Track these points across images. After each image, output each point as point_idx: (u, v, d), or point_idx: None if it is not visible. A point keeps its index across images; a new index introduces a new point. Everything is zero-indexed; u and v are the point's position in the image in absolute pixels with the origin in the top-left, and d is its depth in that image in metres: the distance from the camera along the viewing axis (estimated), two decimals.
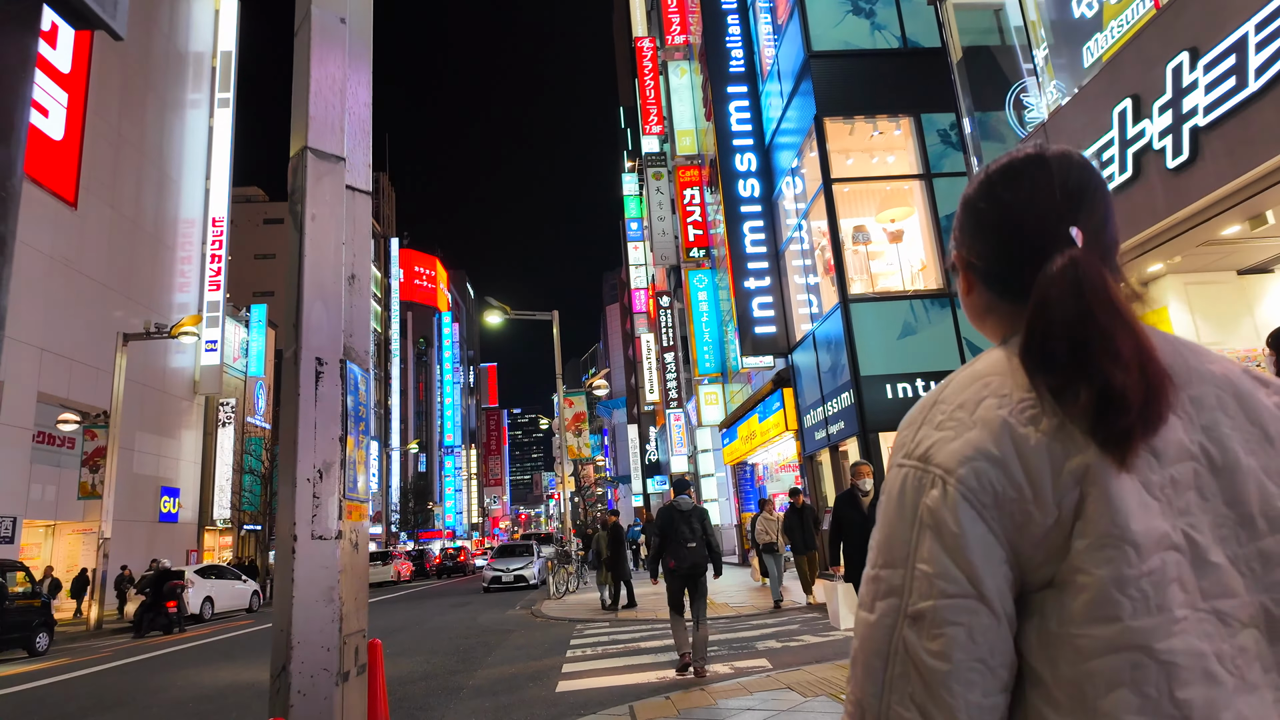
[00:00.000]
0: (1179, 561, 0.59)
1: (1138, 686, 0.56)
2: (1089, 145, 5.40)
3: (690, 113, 22.26)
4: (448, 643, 9.45)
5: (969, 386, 0.67)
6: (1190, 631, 0.57)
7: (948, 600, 0.59)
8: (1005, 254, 0.71)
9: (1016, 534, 0.60)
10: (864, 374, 10.47)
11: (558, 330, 20.17)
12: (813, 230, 12.78)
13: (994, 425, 0.63)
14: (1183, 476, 0.62)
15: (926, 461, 0.64)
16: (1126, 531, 0.58)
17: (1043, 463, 0.61)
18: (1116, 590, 0.57)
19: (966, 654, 0.59)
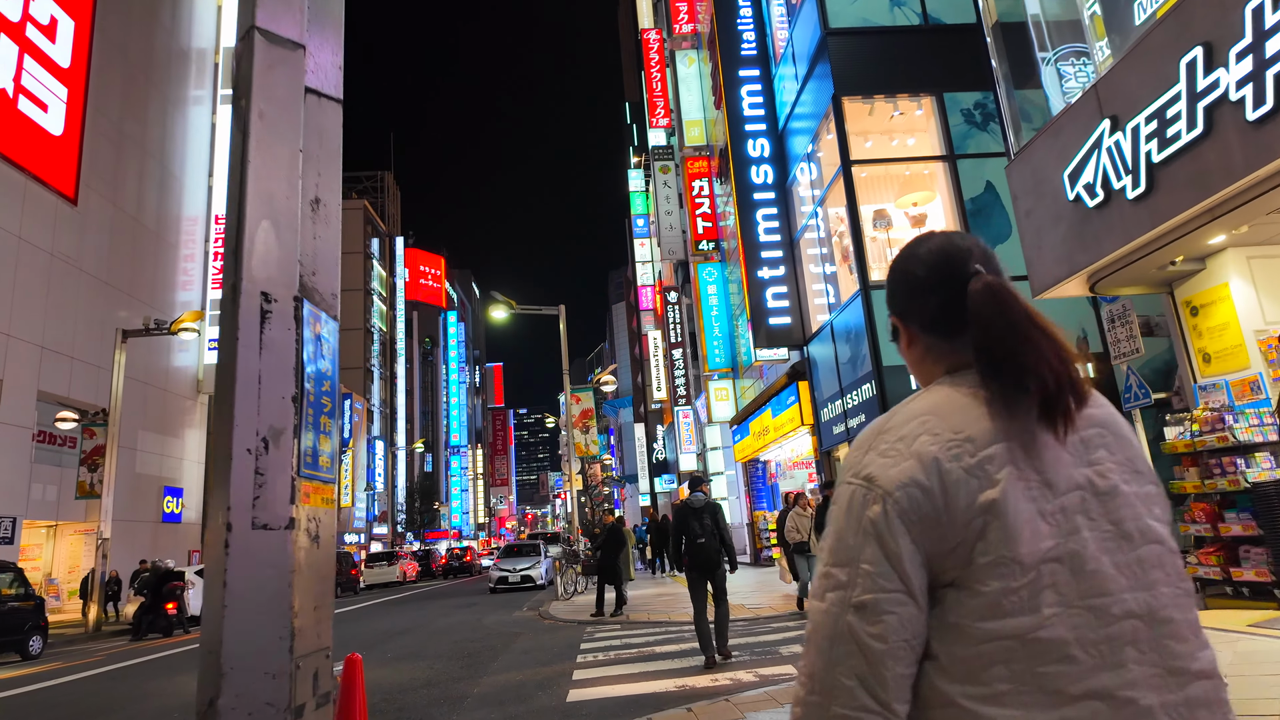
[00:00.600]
0: (1057, 571, 0.76)
1: (1009, 664, 0.74)
2: (1149, 103, 4.91)
3: (698, 102, 21.80)
4: (452, 646, 9.02)
5: (910, 422, 0.82)
6: (1056, 625, 0.74)
7: (885, 594, 0.76)
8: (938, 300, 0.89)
9: (933, 546, 0.78)
10: (886, 364, 9.98)
11: (564, 325, 19.75)
12: (829, 217, 12.30)
13: (926, 459, 0.79)
14: (1071, 504, 0.79)
15: (871, 482, 0.80)
16: (1016, 554, 0.76)
17: (959, 493, 0.77)
18: (1002, 597, 0.75)
19: (898, 636, 0.76)
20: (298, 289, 1.52)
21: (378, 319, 58.66)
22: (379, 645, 9.71)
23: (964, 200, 10.58)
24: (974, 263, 0.89)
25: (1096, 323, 10.37)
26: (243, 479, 1.31)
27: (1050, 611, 0.74)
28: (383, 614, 15.28)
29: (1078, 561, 0.76)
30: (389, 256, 62.63)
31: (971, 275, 0.87)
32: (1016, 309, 0.84)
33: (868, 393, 10.33)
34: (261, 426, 1.36)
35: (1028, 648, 0.74)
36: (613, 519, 11.59)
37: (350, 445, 47.61)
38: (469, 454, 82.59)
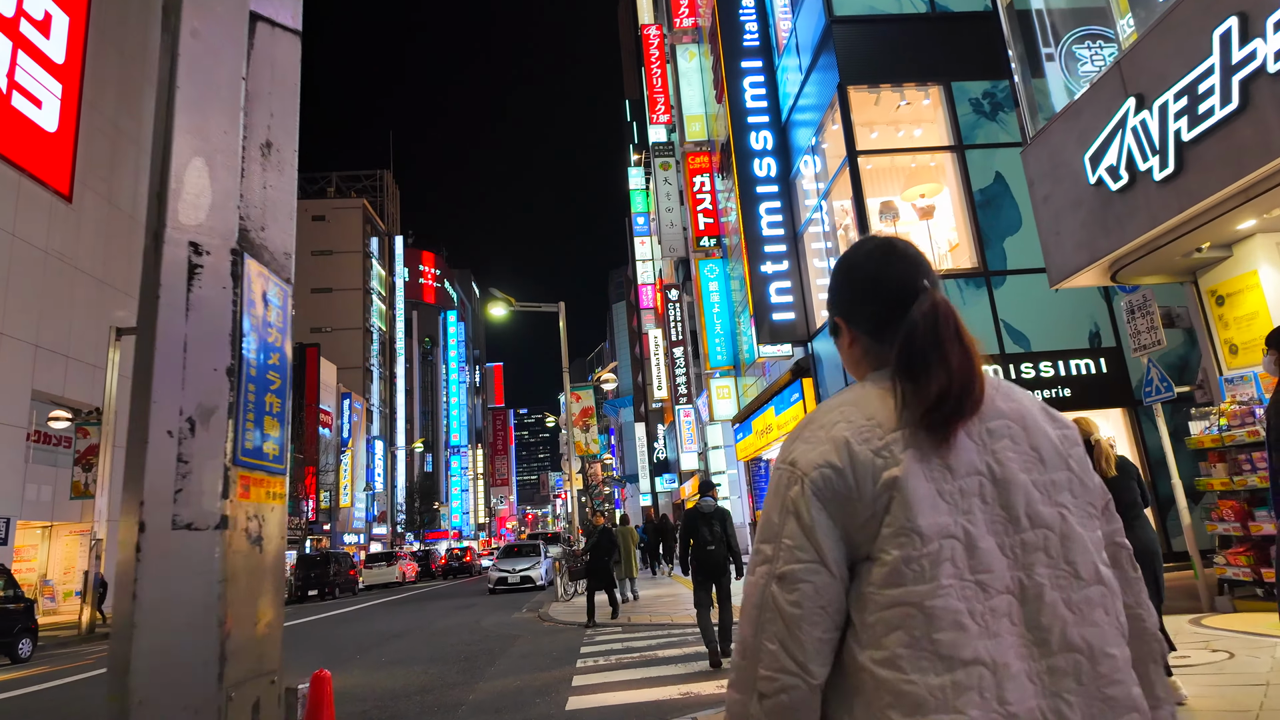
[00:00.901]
0: (954, 546, 0.82)
1: (908, 630, 0.80)
2: (1178, 79, 4.66)
3: (699, 97, 21.54)
4: (449, 650, 8.77)
5: (831, 412, 0.91)
6: (951, 594, 0.80)
7: (801, 565, 0.83)
8: (876, 309, 0.95)
9: (847, 520, 0.85)
10: None
11: (564, 322, 19.49)
12: (834, 210, 12.05)
13: (839, 442, 0.86)
14: (969, 487, 0.85)
15: (794, 466, 0.88)
16: (915, 525, 0.82)
17: (867, 473, 0.84)
18: (904, 565, 0.81)
19: (813, 603, 0.83)
20: (236, 241, 1.28)
21: (377, 318, 58.44)
22: (374, 648, 9.46)
23: (973, 191, 10.32)
24: (922, 277, 0.96)
25: (1109, 315, 10.12)
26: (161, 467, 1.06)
27: (947, 582, 0.81)
28: (380, 615, 15.04)
29: (970, 539, 0.83)
30: (388, 256, 62.41)
31: (920, 289, 0.94)
32: (946, 323, 0.91)
33: None
34: (187, 404, 1.11)
35: (924, 614, 0.80)
36: (603, 520, 10.96)
37: (349, 445, 47.38)
38: (469, 454, 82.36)
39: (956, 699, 0.77)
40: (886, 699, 0.79)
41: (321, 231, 55.53)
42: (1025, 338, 9.90)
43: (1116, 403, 9.83)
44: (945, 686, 0.77)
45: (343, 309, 54.71)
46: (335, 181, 62.83)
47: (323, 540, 43.36)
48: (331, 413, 44.76)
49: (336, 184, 62.69)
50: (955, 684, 0.77)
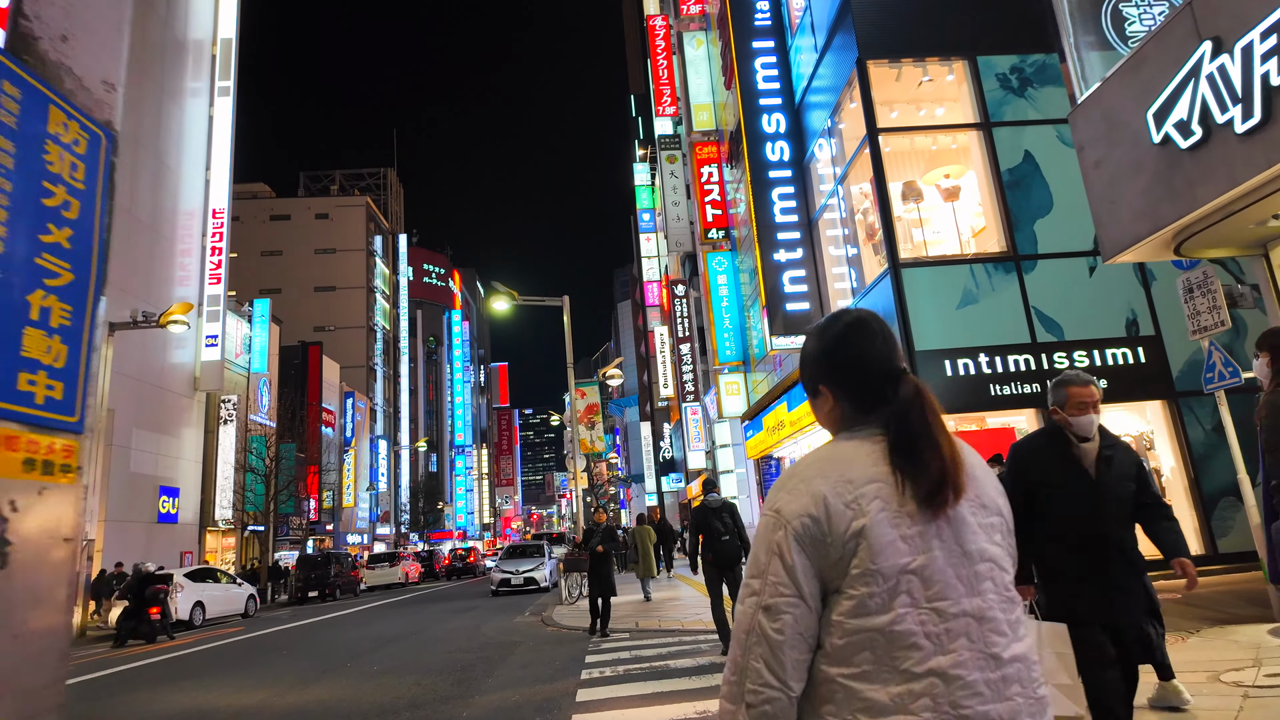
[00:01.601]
0: (911, 582, 0.98)
1: (873, 650, 0.97)
2: (1265, 16, 4.08)
3: (707, 85, 20.98)
4: (444, 658, 8.23)
5: (810, 468, 1.06)
6: (907, 620, 0.96)
7: (783, 599, 1.00)
8: (862, 382, 1.10)
9: (821, 560, 1.01)
10: (919, 349, 9.15)
11: (568, 317, 18.93)
12: (852, 195, 11.48)
13: (818, 496, 1.02)
14: (928, 530, 1.01)
15: (779, 514, 1.04)
16: (877, 567, 0.98)
17: (840, 522, 1.00)
18: (868, 599, 0.98)
19: (793, 630, 0.99)
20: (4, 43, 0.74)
21: (381, 317, 58.04)
22: (366, 655, 8.93)
23: (1001, 171, 9.74)
24: (897, 356, 1.13)
25: (1147, 302, 9.51)
26: None
27: (903, 611, 0.97)
28: (377, 618, 14.52)
29: (928, 573, 0.99)
30: (392, 254, 62.00)
31: (899, 371, 1.10)
32: (933, 412, 1.07)
33: None
34: None
35: (885, 637, 0.97)
36: (605, 517, 10.21)
37: (353, 444, 46.94)
38: (474, 454, 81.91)
39: (912, 704, 0.95)
40: (856, 705, 0.97)
41: (325, 230, 55.15)
42: (1058, 325, 9.32)
43: (1156, 395, 9.23)
44: (902, 694, 0.95)
45: (346, 308, 54.32)
46: (339, 180, 62.49)
47: (325, 540, 42.92)
48: (334, 412, 44.34)
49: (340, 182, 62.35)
50: (911, 692, 0.95)
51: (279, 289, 51.74)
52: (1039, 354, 9.17)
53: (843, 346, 1.12)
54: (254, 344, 34.66)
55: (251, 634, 13.25)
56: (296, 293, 52.67)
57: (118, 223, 9.02)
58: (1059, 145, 9.87)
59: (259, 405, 34.38)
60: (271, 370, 35.97)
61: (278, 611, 20.92)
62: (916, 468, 1.01)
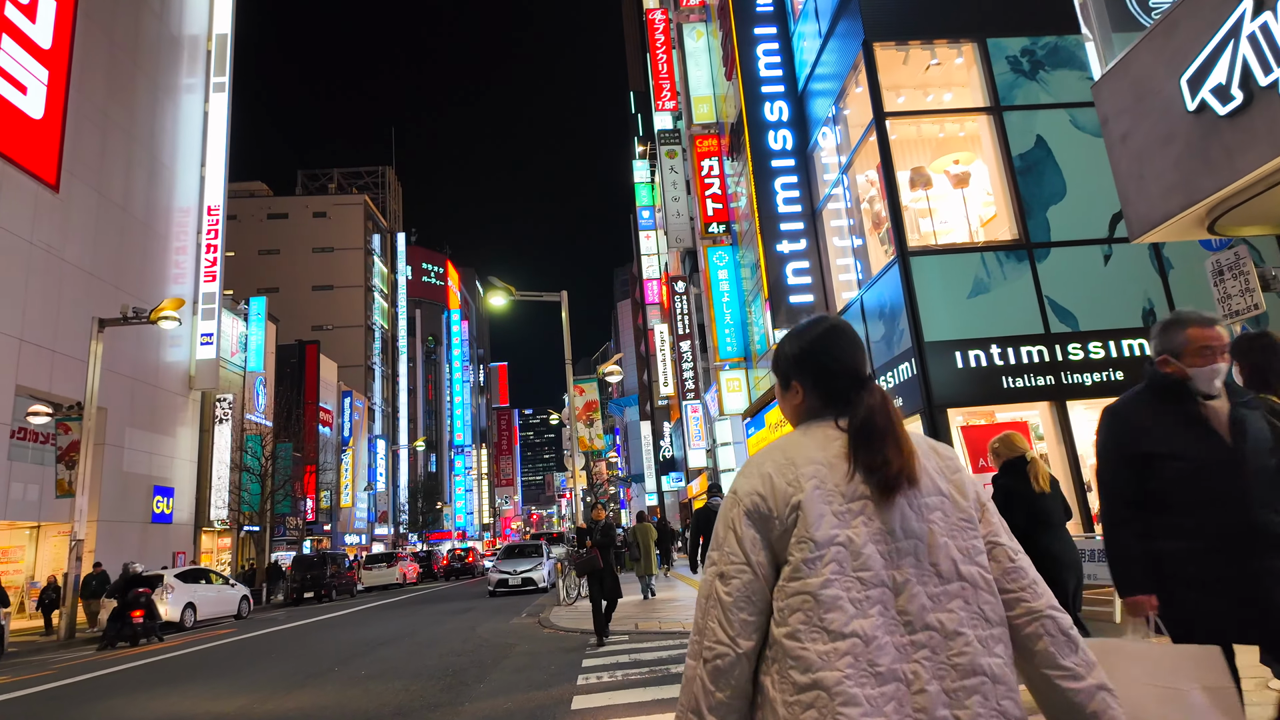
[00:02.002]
0: (840, 552, 1.11)
1: (805, 612, 1.10)
2: None
3: (707, 77, 20.68)
4: (437, 661, 7.90)
5: (765, 453, 1.22)
6: (834, 585, 1.09)
7: (733, 566, 1.15)
8: (833, 382, 1.24)
9: (769, 534, 1.15)
10: (929, 339, 8.83)
11: (566, 313, 18.61)
12: (857, 184, 11.16)
13: (765, 476, 1.17)
14: (855, 508, 1.14)
15: (735, 493, 1.20)
16: (811, 536, 1.12)
17: (781, 498, 1.15)
18: (803, 565, 1.11)
19: (741, 594, 1.14)
20: None
21: (379, 316, 57.72)
22: (356, 659, 8.61)
23: (1012, 157, 9.42)
24: (866, 362, 1.27)
25: (1164, 290, 9.17)
26: None
27: (832, 577, 1.10)
28: (371, 620, 14.20)
29: (854, 546, 1.11)
30: (390, 253, 61.68)
31: (865, 376, 1.24)
32: (895, 414, 1.20)
33: (906, 372, 9.18)
34: None
35: (815, 600, 1.09)
36: (604, 514, 9.30)
37: (350, 444, 46.61)
38: (473, 454, 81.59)
39: (836, 661, 1.07)
40: (790, 661, 1.10)
41: (322, 228, 54.85)
42: (1072, 316, 9.00)
43: None
44: (828, 652, 1.07)
45: (344, 307, 54.00)
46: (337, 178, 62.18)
47: (323, 541, 42.60)
48: (332, 411, 44.01)
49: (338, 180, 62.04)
50: (835, 650, 1.07)
51: (276, 288, 51.43)
52: (1053, 345, 8.86)
53: (820, 348, 1.26)
54: (250, 342, 34.35)
55: (241, 636, 12.93)
56: (294, 292, 52.36)
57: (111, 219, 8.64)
58: (1072, 130, 9.56)
59: (255, 404, 34.05)
60: (268, 369, 35.65)
61: (273, 613, 20.60)
62: (878, 460, 1.14)
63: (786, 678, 1.09)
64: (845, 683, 1.04)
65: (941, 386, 8.72)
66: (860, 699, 1.04)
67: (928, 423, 8.70)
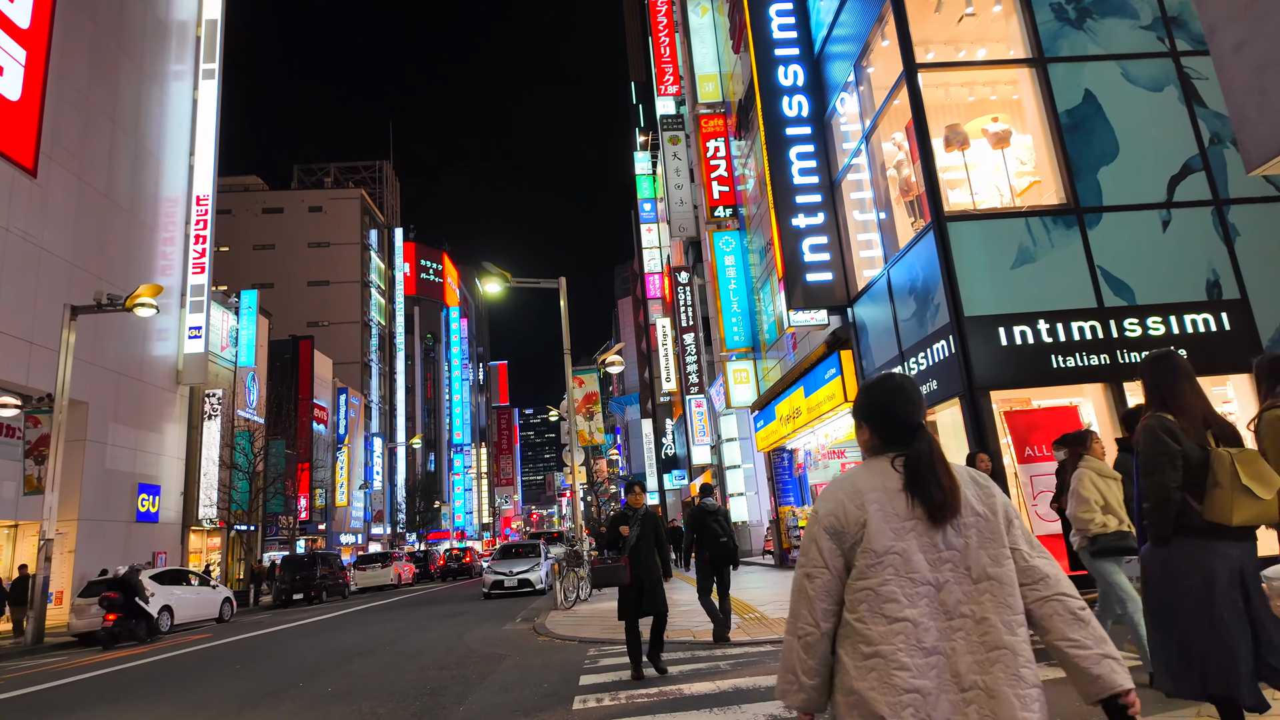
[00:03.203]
0: (895, 559, 1.49)
1: (868, 604, 1.49)
2: None
3: (713, 55, 19.76)
4: (415, 676, 6.97)
5: (839, 484, 1.62)
6: (891, 583, 1.48)
7: (816, 569, 1.57)
8: (892, 429, 1.62)
9: (842, 545, 1.55)
10: (969, 314, 7.90)
11: (565, 301, 17.67)
12: (881, 151, 10.24)
13: (839, 501, 1.57)
14: (908, 525, 1.52)
15: (817, 514, 1.61)
16: (874, 548, 1.50)
17: (852, 519, 1.54)
18: (867, 569, 1.50)
19: (821, 589, 1.55)
20: None
21: (376, 312, 56.80)
22: (325, 672, 7.68)
23: (1058, 113, 8.49)
24: (920, 414, 1.63)
25: (1230, 261, 8.22)
26: None
27: (889, 577, 1.49)
28: (356, 625, 13.27)
29: (906, 555, 1.49)
30: (387, 248, 60.74)
31: (918, 425, 1.61)
32: (939, 457, 1.56)
33: (942, 351, 8.24)
34: None
35: (876, 594, 1.49)
36: (642, 498, 6.65)
37: (346, 442, 45.68)
38: (473, 453, 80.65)
39: (892, 638, 1.46)
40: (858, 638, 1.50)
41: (318, 223, 53.93)
42: (1128, 288, 8.06)
43: (1243, 368, 7.99)
44: (886, 632, 1.47)
45: (340, 303, 53.09)
46: (333, 172, 61.26)
47: (318, 540, 41.68)
48: (327, 408, 43.08)
49: (334, 175, 61.12)
50: (891, 630, 1.47)
51: (271, 283, 50.52)
52: (1106, 320, 7.92)
53: (883, 404, 1.65)
54: (241, 337, 33.43)
55: (214, 643, 12.00)
56: (289, 287, 51.45)
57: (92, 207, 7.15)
58: (1124, 84, 8.62)
59: (247, 400, 33.14)
60: (260, 364, 34.73)
61: (258, 615, 19.68)
62: (926, 495, 1.52)
63: (856, 649, 1.50)
64: (898, 653, 1.45)
65: (984, 367, 7.78)
66: (909, 665, 1.45)
67: (968, 406, 7.77)
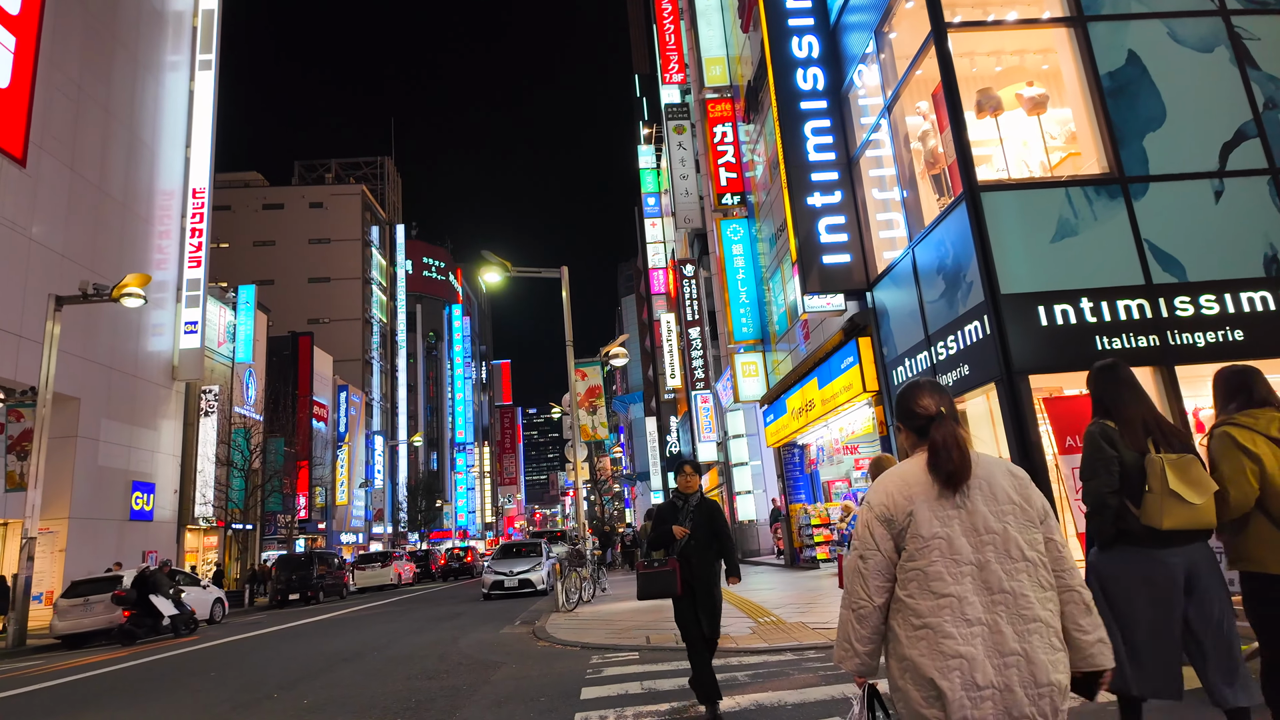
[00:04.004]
0: (940, 543, 1.73)
1: (918, 582, 1.73)
2: None
3: (720, 37, 19.13)
4: (400, 686, 6.36)
5: (890, 479, 1.85)
6: (938, 563, 1.72)
7: (869, 550, 1.81)
8: (918, 426, 1.89)
9: (892, 530, 1.79)
10: (1005, 292, 7.25)
11: (567, 292, 17.06)
12: (904, 124, 9.59)
13: (889, 493, 1.82)
14: (951, 514, 1.75)
15: (870, 504, 1.84)
16: (921, 533, 1.75)
17: (900, 508, 1.78)
18: (916, 552, 1.74)
19: (874, 569, 1.79)
20: None
21: (377, 309, 56.27)
22: (306, 681, 7.08)
23: (1099, 76, 7.83)
24: (939, 406, 1.89)
25: None
26: None
27: (935, 558, 1.72)
28: (347, 627, 12.67)
29: (950, 537, 1.72)
30: (389, 245, 60.21)
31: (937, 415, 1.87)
32: (951, 436, 1.80)
33: (975, 333, 7.60)
34: None
35: (925, 574, 1.72)
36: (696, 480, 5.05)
37: (346, 439, 45.15)
38: (475, 451, 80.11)
39: (940, 612, 1.69)
40: (909, 612, 1.73)
41: (319, 219, 53.41)
42: (1178, 264, 7.39)
43: None
44: (934, 606, 1.70)
45: (341, 299, 52.56)
46: (334, 168, 60.73)
47: (318, 540, 41.15)
48: (327, 405, 42.55)
49: (336, 171, 60.59)
50: (939, 605, 1.70)
51: (271, 280, 50.02)
52: (1155, 298, 7.27)
53: (910, 404, 1.93)
54: (239, 332, 32.90)
55: (195, 647, 11.42)
56: (289, 284, 50.95)
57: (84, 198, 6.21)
58: (1171, 44, 7.96)
59: (244, 397, 32.61)
60: (258, 360, 34.21)
61: (252, 616, 19.12)
62: (937, 464, 1.78)
63: (907, 621, 1.73)
64: (945, 624, 1.69)
65: (1022, 349, 7.13)
66: (955, 634, 1.67)
67: (1005, 392, 7.12)
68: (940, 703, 1.63)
